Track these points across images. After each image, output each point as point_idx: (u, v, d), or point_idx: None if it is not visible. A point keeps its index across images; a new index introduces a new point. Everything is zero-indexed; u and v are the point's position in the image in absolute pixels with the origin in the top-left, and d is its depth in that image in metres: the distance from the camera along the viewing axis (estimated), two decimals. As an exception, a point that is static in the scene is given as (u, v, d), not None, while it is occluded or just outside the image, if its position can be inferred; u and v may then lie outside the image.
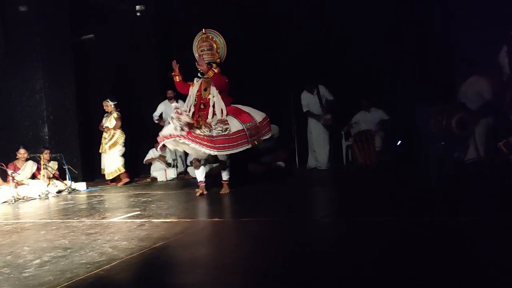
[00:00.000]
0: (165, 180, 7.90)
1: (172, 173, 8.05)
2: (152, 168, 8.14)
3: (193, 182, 5.56)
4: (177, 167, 8.13)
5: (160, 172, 7.96)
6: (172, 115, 4.61)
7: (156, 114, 8.50)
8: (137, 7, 9.45)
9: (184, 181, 7.66)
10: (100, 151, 7.67)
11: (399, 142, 7.60)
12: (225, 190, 5.11)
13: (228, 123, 4.71)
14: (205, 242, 2.85)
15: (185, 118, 4.51)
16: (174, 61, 5.14)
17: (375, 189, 4.49)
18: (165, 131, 4.83)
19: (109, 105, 7.68)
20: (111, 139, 7.58)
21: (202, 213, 3.98)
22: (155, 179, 8.01)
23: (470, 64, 5.16)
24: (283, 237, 2.66)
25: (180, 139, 4.56)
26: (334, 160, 8.30)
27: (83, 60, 8.49)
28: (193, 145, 4.57)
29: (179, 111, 4.50)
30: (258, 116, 5.07)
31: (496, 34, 5.04)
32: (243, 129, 4.73)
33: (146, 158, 8.22)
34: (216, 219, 3.61)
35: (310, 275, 2.00)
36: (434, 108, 5.13)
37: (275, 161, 8.51)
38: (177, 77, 5.11)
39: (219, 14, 9.15)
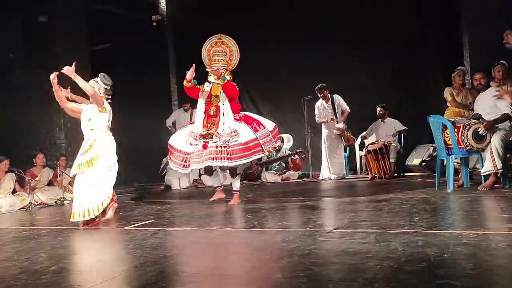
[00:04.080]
0: (179, 188, 7.96)
1: (186, 181, 8.10)
2: (166, 176, 8.21)
3: (207, 190, 5.59)
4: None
5: (174, 180, 8.02)
6: None
7: (169, 121, 8.63)
8: (153, 17, 9.61)
9: (198, 189, 7.70)
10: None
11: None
12: (235, 201, 5.01)
13: (238, 134, 4.74)
14: (218, 251, 2.86)
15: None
16: (194, 66, 4.93)
17: (389, 201, 4.46)
18: (181, 152, 4.94)
19: None
20: None
21: (215, 222, 3.99)
22: (169, 187, 8.07)
23: (486, 76, 5.11)
24: (296, 247, 2.66)
25: (201, 164, 4.78)
26: (348, 170, 8.28)
27: (100, 69, 8.63)
28: (211, 162, 4.71)
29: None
30: (268, 124, 5.08)
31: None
32: (256, 137, 4.77)
33: (161, 166, 8.30)
34: (230, 229, 3.62)
35: (322, 287, 1.99)
36: (449, 120, 5.10)
37: (288, 171, 8.52)
38: (189, 83, 4.94)
39: (235, 21, 9.24)
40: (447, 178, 4.98)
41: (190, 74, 4.88)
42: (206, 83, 5.04)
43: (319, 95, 7.80)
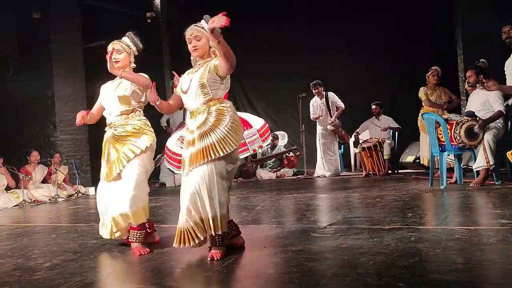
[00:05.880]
0: (173, 185, 7.95)
1: (180, 179, 8.10)
2: (160, 173, 8.20)
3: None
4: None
5: (169, 178, 8.02)
6: None
7: (163, 120, 8.63)
8: (148, 14, 9.56)
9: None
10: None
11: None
12: None
13: None
14: (212, 248, 2.86)
15: None
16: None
17: (382, 197, 4.48)
18: (176, 154, 4.97)
19: None
20: None
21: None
22: (163, 184, 8.07)
23: (483, 72, 5.13)
24: (290, 243, 2.68)
25: None
26: (343, 167, 8.31)
27: (94, 66, 8.61)
28: None
29: None
30: (256, 123, 5.16)
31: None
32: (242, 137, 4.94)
33: (155, 159, 8.31)
34: (224, 225, 3.62)
35: (315, 283, 2.01)
36: (442, 117, 5.12)
37: (283, 168, 8.54)
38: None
39: (230, 19, 9.22)
40: (440, 175, 5.01)
41: (175, 83, 4.97)
42: None
43: (313, 91, 7.81)
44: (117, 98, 3.04)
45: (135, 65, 3.15)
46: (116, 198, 2.89)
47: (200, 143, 2.52)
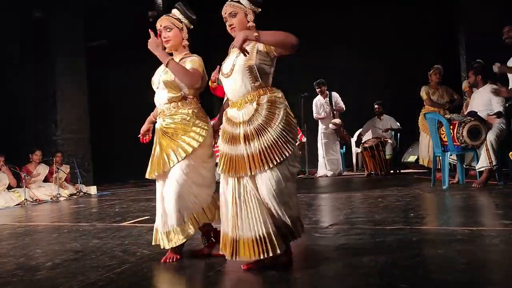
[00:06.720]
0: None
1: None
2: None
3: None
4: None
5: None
6: None
7: None
8: (150, 13, 9.55)
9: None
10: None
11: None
12: None
13: None
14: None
15: None
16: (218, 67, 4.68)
17: (384, 197, 4.47)
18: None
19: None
20: None
21: (211, 219, 3.99)
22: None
23: (481, 72, 5.12)
24: (291, 243, 2.67)
25: None
26: (344, 167, 8.30)
27: (96, 65, 8.62)
28: None
29: None
30: None
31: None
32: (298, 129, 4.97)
33: None
34: (225, 225, 3.62)
35: (317, 283, 2.01)
36: (445, 117, 5.11)
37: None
38: (214, 83, 4.97)
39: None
40: (442, 175, 4.99)
41: (213, 75, 4.88)
42: None
43: (316, 89, 7.82)
44: (162, 83, 2.64)
45: (188, 42, 2.72)
46: (166, 213, 2.59)
47: (257, 142, 2.13)
